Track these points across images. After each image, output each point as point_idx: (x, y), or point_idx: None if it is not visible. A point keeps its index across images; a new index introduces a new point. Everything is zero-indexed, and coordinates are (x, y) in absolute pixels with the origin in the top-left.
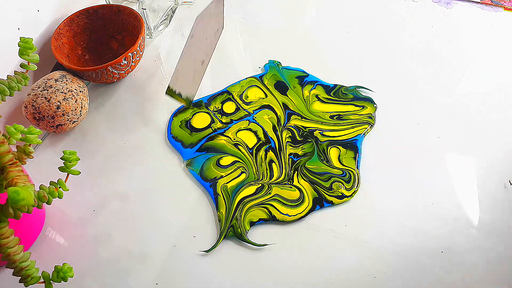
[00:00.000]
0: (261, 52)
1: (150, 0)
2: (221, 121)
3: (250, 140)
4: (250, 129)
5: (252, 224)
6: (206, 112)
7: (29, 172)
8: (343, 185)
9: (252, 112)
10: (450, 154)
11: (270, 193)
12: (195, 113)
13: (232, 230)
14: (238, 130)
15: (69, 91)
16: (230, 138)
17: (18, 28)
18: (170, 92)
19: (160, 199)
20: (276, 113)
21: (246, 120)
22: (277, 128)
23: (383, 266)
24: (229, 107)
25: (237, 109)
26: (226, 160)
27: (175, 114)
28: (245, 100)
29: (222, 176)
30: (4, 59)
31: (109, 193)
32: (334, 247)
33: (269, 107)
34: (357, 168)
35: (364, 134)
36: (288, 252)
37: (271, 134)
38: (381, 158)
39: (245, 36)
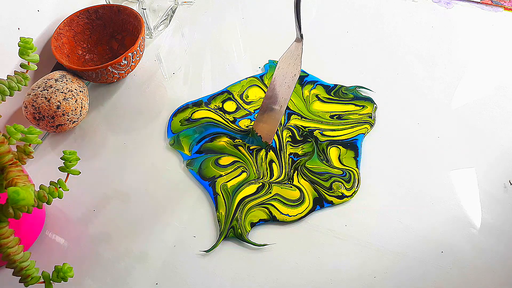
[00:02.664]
0: (261, 52)
1: (150, 0)
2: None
3: None
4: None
5: (252, 225)
6: (207, 110)
7: (29, 172)
8: (343, 185)
9: (253, 111)
10: (450, 154)
11: (270, 192)
12: (194, 112)
13: (232, 231)
14: None
15: (69, 91)
16: (231, 139)
17: (18, 28)
18: (252, 131)
19: (160, 199)
20: None
21: (247, 119)
22: (278, 127)
23: (383, 266)
24: (229, 106)
25: (238, 108)
26: (225, 160)
27: (174, 114)
28: (246, 100)
29: (221, 175)
30: (4, 59)
31: (109, 193)
32: (334, 247)
33: None
34: (358, 168)
35: (364, 134)
36: (288, 252)
37: None
38: (381, 158)
39: (245, 36)
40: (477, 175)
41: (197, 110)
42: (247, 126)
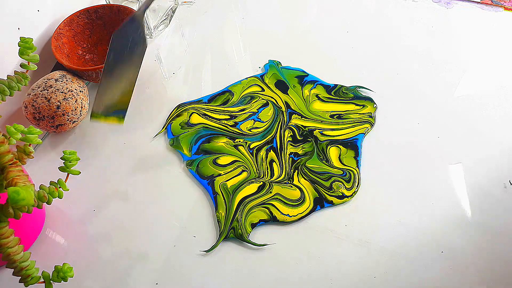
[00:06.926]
0: (261, 52)
1: None
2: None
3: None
4: (256, 128)
5: (253, 226)
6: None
7: (29, 172)
8: (343, 184)
9: (256, 111)
10: (450, 154)
11: (271, 192)
12: (191, 114)
13: (233, 232)
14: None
15: (69, 91)
16: (233, 140)
17: (18, 28)
18: (95, 116)
19: (160, 199)
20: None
21: (251, 119)
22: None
23: (383, 266)
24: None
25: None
26: (224, 159)
27: None
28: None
29: (220, 174)
30: (4, 59)
31: (109, 193)
32: (334, 247)
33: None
34: (358, 167)
35: (364, 133)
36: (288, 252)
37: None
38: (381, 158)
39: (245, 36)
40: (477, 175)
41: (193, 113)
42: (249, 130)
